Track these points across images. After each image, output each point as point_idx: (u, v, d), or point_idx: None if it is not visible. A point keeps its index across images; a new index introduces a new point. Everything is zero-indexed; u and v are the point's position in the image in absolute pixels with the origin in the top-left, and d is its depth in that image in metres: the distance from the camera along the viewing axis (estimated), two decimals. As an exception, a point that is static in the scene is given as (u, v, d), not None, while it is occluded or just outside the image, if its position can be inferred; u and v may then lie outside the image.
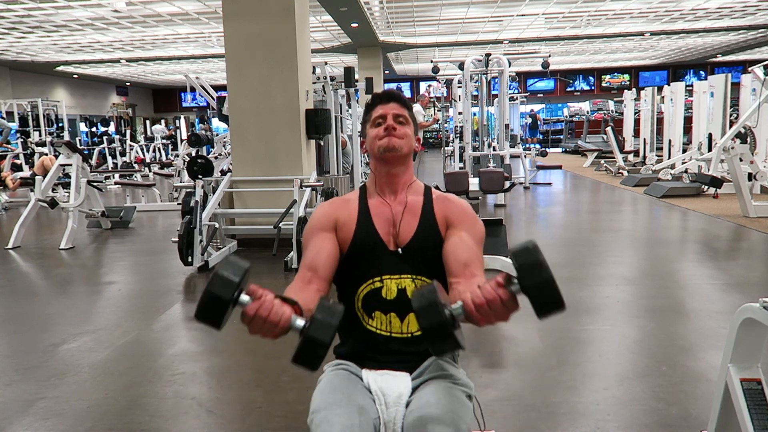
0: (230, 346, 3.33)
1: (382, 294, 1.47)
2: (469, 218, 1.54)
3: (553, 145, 22.08)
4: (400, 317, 1.46)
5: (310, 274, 1.47)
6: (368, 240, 1.50)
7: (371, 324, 1.47)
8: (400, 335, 1.46)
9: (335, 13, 12.14)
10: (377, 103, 1.57)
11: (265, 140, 5.80)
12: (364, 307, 1.49)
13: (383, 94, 1.58)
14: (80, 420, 2.44)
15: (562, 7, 12.80)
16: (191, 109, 26.47)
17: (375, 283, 1.48)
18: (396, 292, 1.46)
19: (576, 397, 2.52)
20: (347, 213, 1.55)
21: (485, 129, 9.60)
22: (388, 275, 1.48)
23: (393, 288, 1.46)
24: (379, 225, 1.52)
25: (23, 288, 4.89)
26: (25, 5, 10.58)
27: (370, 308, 1.48)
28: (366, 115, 1.59)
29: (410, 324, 1.46)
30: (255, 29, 5.68)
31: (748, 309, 1.61)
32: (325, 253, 1.50)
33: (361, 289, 1.49)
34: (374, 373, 1.43)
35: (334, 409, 1.29)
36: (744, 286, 4.17)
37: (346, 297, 1.53)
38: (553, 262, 4.37)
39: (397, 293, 1.46)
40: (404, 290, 1.46)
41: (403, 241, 1.50)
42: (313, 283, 1.45)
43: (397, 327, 1.46)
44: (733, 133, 7.50)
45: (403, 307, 1.45)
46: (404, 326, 1.46)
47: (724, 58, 22.95)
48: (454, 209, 1.54)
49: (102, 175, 11.87)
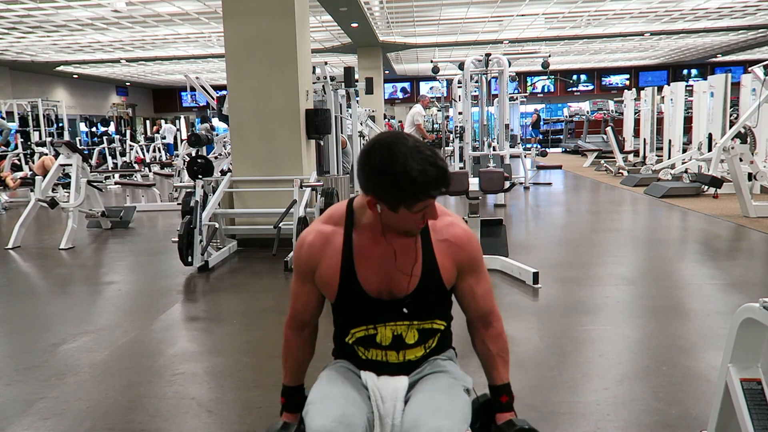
0: (230, 346, 3.33)
1: (377, 340, 1.42)
2: (478, 258, 1.44)
3: (553, 145, 22.07)
4: (397, 352, 1.43)
5: (301, 324, 1.51)
6: (355, 292, 1.38)
7: (367, 355, 1.44)
8: (397, 362, 1.44)
9: (335, 13, 12.14)
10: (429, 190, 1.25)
11: (265, 140, 5.80)
12: (358, 344, 1.45)
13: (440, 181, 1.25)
14: (80, 420, 2.44)
15: (562, 7, 12.80)
16: (191, 109, 26.47)
17: (369, 330, 1.42)
18: (391, 338, 1.41)
19: (576, 397, 2.52)
20: (330, 258, 1.38)
21: (485, 129, 9.60)
22: (383, 323, 1.41)
23: (388, 335, 1.41)
24: (367, 275, 1.37)
25: (23, 288, 4.89)
26: (25, 5, 10.58)
27: (365, 345, 1.44)
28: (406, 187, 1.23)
29: (407, 354, 1.43)
30: (255, 29, 5.68)
31: (748, 309, 1.61)
32: (311, 306, 1.48)
33: (353, 332, 1.44)
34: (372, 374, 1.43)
35: (327, 402, 1.31)
36: (744, 286, 4.17)
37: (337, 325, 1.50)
38: (554, 263, 4.38)
39: (392, 339, 1.41)
40: (400, 336, 1.41)
41: (402, 290, 1.38)
42: (306, 329, 1.52)
43: (394, 358, 1.43)
44: (733, 133, 7.50)
45: (401, 347, 1.42)
46: (400, 356, 1.43)
47: (724, 58, 22.94)
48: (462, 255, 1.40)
49: (102, 175, 11.87)
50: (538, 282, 4.10)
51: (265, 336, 3.39)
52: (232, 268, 5.20)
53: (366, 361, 1.44)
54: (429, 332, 1.44)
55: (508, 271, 4.43)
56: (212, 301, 4.36)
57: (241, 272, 5.11)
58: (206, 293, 4.55)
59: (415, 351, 1.44)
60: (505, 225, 4.85)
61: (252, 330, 3.60)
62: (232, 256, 5.63)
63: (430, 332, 1.44)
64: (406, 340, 1.41)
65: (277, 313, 3.79)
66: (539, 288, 4.08)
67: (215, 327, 3.75)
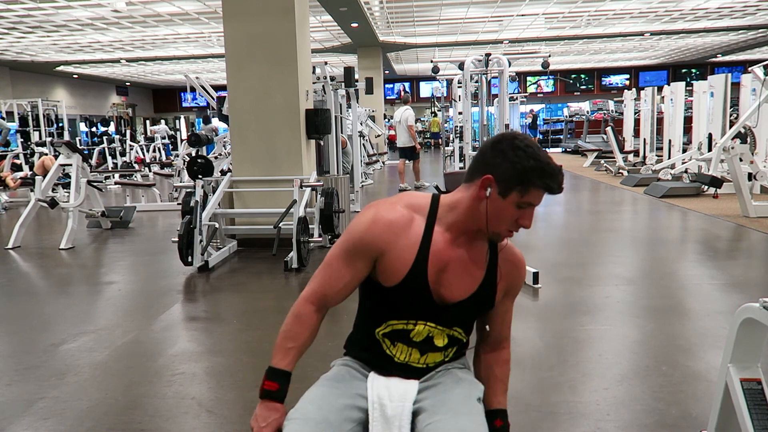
0: (230, 346, 3.34)
1: (410, 335, 1.40)
2: (522, 284, 1.52)
3: (553, 145, 22.08)
4: (421, 352, 1.42)
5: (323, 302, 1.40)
6: (418, 288, 1.35)
7: (391, 350, 1.42)
8: (417, 365, 1.43)
9: (335, 13, 12.14)
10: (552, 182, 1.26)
11: (265, 140, 5.80)
12: (388, 336, 1.42)
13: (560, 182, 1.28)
14: (80, 420, 2.44)
15: (562, 7, 12.80)
16: (191, 109, 26.48)
17: (408, 324, 1.39)
18: (425, 336, 1.41)
19: (576, 397, 2.52)
20: (406, 245, 1.33)
21: (485, 129, 9.59)
22: (423, 321, 1.39)
23: (423, 333, 1.40)
24: (435, 271, 1.35)
25: (23, 288, 4.89)
26: (25, 5, 10.58)
27: (393, 339, 1.42)
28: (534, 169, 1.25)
29: (428, 358, 1.42)
30: (255, 29, 5.68)
31: (748, 309, 1.61)
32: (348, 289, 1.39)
33: (391, 323, 1.41)
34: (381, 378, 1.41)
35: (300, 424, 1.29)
36: (744, 286, 4.17)
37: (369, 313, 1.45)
38: (554, 262, 4.37)
39: (425, 337, 1.41)
40: (431, 337, 1.41)
41: (457, 297, 1.38)
42: (323, 311, 1.42)
43: (416, 359, 1.42)
44: (733, 133, 7.50)
45: (427, 348, 1.42)
46: (423, 359, 1.43)
47: (724, 58, 22.95)
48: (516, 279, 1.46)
49: (102, 175, 11.88)
50: (538, 282, 4.11)
51: (265, 336, 3.38)
52: (232, 268, 5.20)
53: (385, 356, 1.42)
54: (454, 340, 1.44)
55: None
56: (212, 301, 4.37)
57: (241, 272, 5.11)
58: (206, 293, 4.55)
59: (436, 356, 1.43)
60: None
61: (252, 330, 3.60)
62: (232, 256, 5.63)
63: (455, 340, 1.45)
64: (435, 342, 1.41)
65: (277, 312, 3.79)
66: (539, 288, 4.08)
67: (215, 327, 3.75)
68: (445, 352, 1.44)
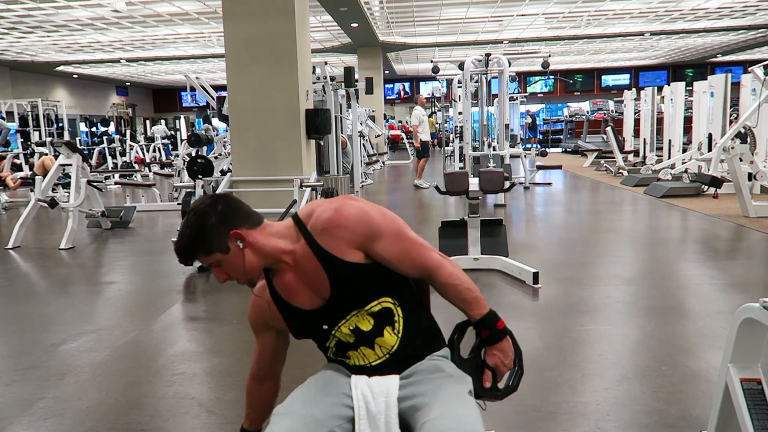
0: (230, 346, 3.34)
1: (343, 341, 1.47)
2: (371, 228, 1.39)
3: (553, 145, 22.07)
4: (369, 346, 1.45)
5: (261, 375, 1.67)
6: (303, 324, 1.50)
7: (350, 362, 1.49)
8: (379, 360, 1.45)
9: (335, 13, 12.15)
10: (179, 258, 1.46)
11: (265, 140, 5.80)
12: (338, 354, 1.51)
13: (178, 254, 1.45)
14: (80, 420, 2.44)
15: (562, 7, 12.80)
16: (191, 109, 26.47)
17: (332, 340, 1.48)
18: (351, 333, 1.45)
19: (576, 397, 2.52)
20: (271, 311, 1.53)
21: (485, 129, 9.60)
22: (335, 326, 1.45)
23: (346, 331, 1.45)
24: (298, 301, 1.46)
25: (23, 288, 4.89)
26: (25, 5, 10.58)
27: (342, 353, 1.49)
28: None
29: (383, 347, 1.44)
30: (255, 29, 5.68)
31: (748, 309, 1.61)
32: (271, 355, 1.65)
33: (328, 345, 1.51)
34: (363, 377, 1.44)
35: (284, 419, 1.34)
36: (744, 286, 4.17)
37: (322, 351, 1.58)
38: (554, 262, 4.37)
39: (353, 333, 1.45)
40: (357, 327, 1.44)
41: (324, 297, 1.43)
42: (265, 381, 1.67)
43: (372, 355, 1.45)
44: (733, 133, 7.50)
45: (366, 337, 1.44)
46: (377, 351, 1.45)
47: (724, 58, 22.95)
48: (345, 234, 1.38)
49: (102, 175, 11.88)
50: (538, 282, 4.10)
51: (265, 336, 3.38)
52: (232, 268, 5.19)
53: (354, 368, 1.47)
54: (381, 313, 1.43)
55: (508, 271, 4.44)
56: (212, 301, 4.37)
57: (241, 272, 5.10)
58: (206, 293, 4.55)
59: (385, 340, 1.43)
60: (505, 225, 4.84)
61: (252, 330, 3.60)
62: (232, 256, 5.62)
63: (382, 313, 1.43)
64: (362, 328, 1.43)
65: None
66: (539, 288, 4.08)
67: (215, 327, 3.75)
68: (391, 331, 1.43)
